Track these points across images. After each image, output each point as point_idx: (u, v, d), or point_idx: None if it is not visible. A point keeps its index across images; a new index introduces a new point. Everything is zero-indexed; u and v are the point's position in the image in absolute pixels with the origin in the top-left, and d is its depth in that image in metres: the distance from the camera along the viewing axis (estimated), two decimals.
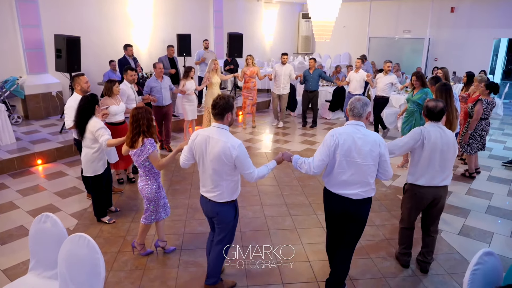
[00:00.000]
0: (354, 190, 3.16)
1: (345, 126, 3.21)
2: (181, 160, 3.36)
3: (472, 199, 5.67)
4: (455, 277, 3.88)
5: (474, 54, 13.88)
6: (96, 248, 2.62)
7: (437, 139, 3.57)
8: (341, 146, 3.09)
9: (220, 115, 3.13)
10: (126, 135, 3.82)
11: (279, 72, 9.07)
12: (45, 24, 8.94)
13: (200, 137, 3.18)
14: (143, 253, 4.13)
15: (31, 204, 5.27)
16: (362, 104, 3.15)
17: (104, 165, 4.65)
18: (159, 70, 6.85)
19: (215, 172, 3.13)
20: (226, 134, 3.12)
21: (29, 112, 8.89)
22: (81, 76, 5.02)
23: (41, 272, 3.05)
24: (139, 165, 3.79)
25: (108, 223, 4.76)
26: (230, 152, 3.04)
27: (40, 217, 3.02)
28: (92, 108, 4.43)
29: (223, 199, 3.22)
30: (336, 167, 3.15)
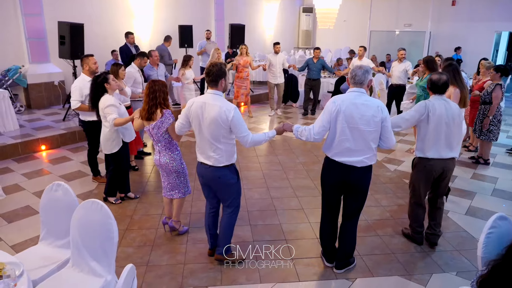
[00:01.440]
0: (358, 157, 3.16)
1: (347, 93, 3.21)
2: (177, 127, 3.46)
3: (477, 183, 5.68)
4: (463, 253, 3.88)
5: (475, 47, 13.89)
6: (109, 213, 2.62)
7: (442, 112, 3.58)
8: (343, 113, 3.09)
9: (215, 82, 3.22)
10: (142, 108, 3.75)
11: (273, 61, 9.16)
12: (47, 13, 8.90)
13: (196, 103, 3.24)
14: (181, 231, 4.10)
15: (36, 186, 5.25)
16: (363, 71, 3.17)
17: (119, 143, 4.57)
18: (155, 57, 6.76)
19: (212, 136, 3.19)
20: (221, 99, 3.21)
21: (31, 101, 8.86)
22: (90, 56, 5.01)
23: (52, 241, 3.05)
24: (158, 139, 3.73)
25: (114, 203, 4.74)
26: (226, 115, 3.11)
27: (51, 185, 3.01)
28: (102, 86, 4.38)
29: (222, 163, 3.27)
30: (338, 135, 3.14)
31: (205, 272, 3.50)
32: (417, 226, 4.00)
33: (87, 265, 2.68)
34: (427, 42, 14.65)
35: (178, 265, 3.59)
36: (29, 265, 2.66)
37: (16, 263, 2.32)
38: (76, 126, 7.38)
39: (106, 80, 4.41)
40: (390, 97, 8.55)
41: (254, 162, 6.30)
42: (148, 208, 4.68)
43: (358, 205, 3.40)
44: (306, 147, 7.13)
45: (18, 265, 2.28)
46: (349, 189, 3.32)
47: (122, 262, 3.62)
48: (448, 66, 4.81)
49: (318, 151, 6.87)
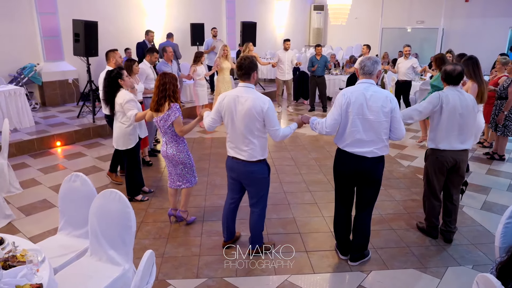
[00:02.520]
0: (368, 147, 3.16)
1: (356, 85, 3.23)
2: (208, 123, 3.42)
3: (493, 178, 5.61)
4: (479, 247, 3.85)
5: (488, 44, 13.69)
6: (127, 202, 2.66)
7: (456, 103, 3.56)
8: (353, 104, 3.11)
9: (247, 75, 3.21)
10: (152, 99, 3.83)
11: (282, 58, 9.14)
12: (62, 11, 9.02)
13: (229, 97, 3.23)
14: (189, 221, 4.17)
15: (53, 181, 5.34)
16: (372, 62, 3.18)
17: (136, 139, 4.58)
18: (170, 53, 6.76)
19: (246, 129, 3.18)
20: (254, 91, 3.21)
21: (46, 98, 8.99)
22: (115, 50, 5.12)
23: (70, 231, 3.10)
24: (165, 131, 3.80)
25: (142, 200, 4.73)
26: (260, 107, 3.11)
27: (70, 176, 3.06)
28: (116, 81, 4.37)
29: (255, 158, 3.26)
30: (349, 126, 3.17)
31: (220, 263, 3.52)
32: (432, 219, 3.97)
33: (105, 254, 2.73)
34: (440, 39, 14.48)
35: (193, 257, 3.62)
36: (49, 254, 2.68)
37: (37, 249, 2.37)
38: (90, 122, 7.48)
39: (120, 75, 4.40)
40: (397, 93, 8.64)
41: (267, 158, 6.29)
42: (163, 202, 4.72)
43: (371, 196, 3.40)
44: (318, 143, 7.12)
45: (40, 252, 2.33)
46: (361, 179, 3.32)
47: (138, 253, 3.62)
48: (468, 59, 4.77)
49: (330, 146, 6.86)
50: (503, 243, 2.52)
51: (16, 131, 6.86)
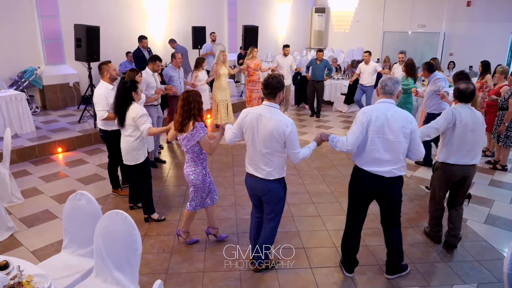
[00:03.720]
0: (386, 167, 3.18)
1: (377, 104, 3.24)
2: (228, 137, 3.43)
3: (495, 190, 5.60)
4: (483, 263, 3.84)
5: (490, 48, 13.69)
6: (133, 224, 2.64)
7: (468, 120, 3.70)
8: (374, 123, 3.12)
9: (273, 94, 3.19)
10: (175, 119, 3.65)
11: (281, 63, 9.11)
12: (63, 14, 8.98)
13: (252, 115, 3.22)
14: (188, 242, 4.03)
15: (55, 190, 5.31)
16: (393, 82, 3.21)
17: (145, 154, 4.41)
18: (179, 60, 6.78)
19: (266, 149, 3.18)
20: (278, 112, 3.19)
21: (47, 102, 8.95)
22: (109, 63, 4.85)
23: (74, 250, 3.07)
24: (187, 150, 3.67)
25: (159, 220, 4.52)
26: (283, 129, 3.08)
27: (74, 195, 3.04)
28: (130, 94, 4.19)
29: (273, 177, 3.27)
30: (368, 145, 3.18)
31: (224, 280, 3.51)
32: (434, 224, 4.16)
33: (110, 275, 2.71)
34: (441, 43, 14.48)
35: (197, 273, 3.60)
36: (54, 274, 2.68)
37: (43, 275, 2.34)
38: (92, 128, 7.45)
39: (135, 88, 4.22)
40: None
41: None
42: (166, 214, 4.70)
43: (393, 214, 3.45)
44: (321, 150, 7.09)
45: (46, 278, 2.30)
46: (379, 199, 3.37)
47: (142, 268, 3.63)
48: (460, 73, 4.93)
49: (333, 155, 6.84)
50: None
51: (17, 137, 6.83)
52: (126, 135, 4.30)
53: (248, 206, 4.84)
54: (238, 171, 6.00)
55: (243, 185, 5.46)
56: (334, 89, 10.75)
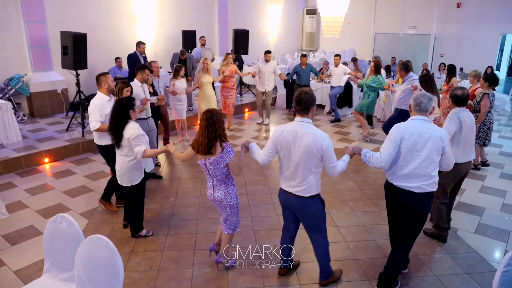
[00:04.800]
0: (416, 183, 3.23)
1: (411, 121, 3.30)
2: (263, 158, 3.35)
3: (486, 197, 5.59)
4: (474, 277, 3.81)
5: (480, 50, 13.78)
6: (115, 250, 2.56)
7: (468, 121, 4.09)
8: (407, 140, 3.18)
9: (306, 110, 3.16)
10: (198, 141, 3.36)
11: (262, 69, 9.02)
12: (50, 20, 8.86)
13: (287, 132, 3.18)
14: (228, 266, 3.84)
15: (40, 204, 5.20)
16: (428, 99, 3.28)
17: (142, 174, 4.25)
18: (155, 69, 6.45)
19: (304, 165, 3.15)
20: (312, 127, 3.17)
21: (35, 109, 8.82)
22: (107, 74, 4.71)
23: (56, 274, 2.99)
24: (215, 174, 3.42)
25: (147, 236, 4.43)
26: (321, 143, 3.07)
27: (55, 217, 2.94)
28: (127, 112, 3.98)
29: (310, 193, 3.24)
30: (400, 161, 3.24)
31: None
32: (443, 223, 4.38)
33: None
34: (432, 45, 14.52)
35: None
36: None
37: None
38: (80, 137, 7.34)
39: (132, 106, 4.00)
40: None
41: (259, 175, 6.23)
42: (153, 228, 4.61)
43: (415, 230, 3.46)
44: None
45: None
46: (408, 213, 3.38)
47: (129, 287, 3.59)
48: (425, 76, 5.37)
49: None
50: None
51: (3, 147, 6.70)
52: (122, 155, 4.10)
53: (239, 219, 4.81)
54: None
55: None
56: (326, 93, 10.71)
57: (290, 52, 16.69)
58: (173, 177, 6.25)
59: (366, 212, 5.08)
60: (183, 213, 4.97)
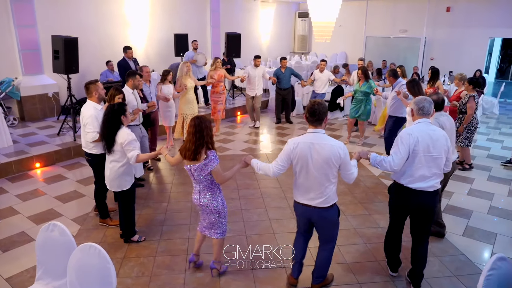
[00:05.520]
0: (430, 182, 3.40)
1: (417, 124, 3.43)
2: (275, 170, 3.32)
3: (474, 200, 5.69)
4: (461, 279, 3.89)
5: (469, 53, 13.97)
6: (107, 258, 2.58)
7: (449, 124, 4.25)
8: (421, 143, 3.32)
9: (320, 121, 3.19)
10: (186, 147, 3.41)
11: (252, 74, 9.10)
12: (41, 24, 8.83)
13: (302, 144, 3.18)
14: (222, 271, 3.87)
15: (32, 209, 5.19)
16: (429, 103, 3.45)
17: (132, 180, 4.25)
18: (146, 74, 6.38)
19: (323, 176, 3.18)
20: (328, 137, 3.21)
21: (25, 113, 8.78)
22: (97, 82, 4.65)
23: (49, 282, 2.99)
24: (200, 180, 3.49)
25: (139, 241, 4.43)
26: (339, 153, 3.12)
27: (47, 225, 2.95)
28: (119, 118, 4.00)
29: (330, 203, 3.28)
30: (416, 163, 3.36)
31: None
32: (440, 219, 4.60)
33: None
34: (422, 48, 14.69)
35: None
36: None
37: None
38: (71, 141, 7.32)
39: (124, 112, 4.02)
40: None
41: (252, 179, 6.27)
42: (146, 233, 4.63)
43: (428, 227, 3.62)
44: None
45: None
46: (421, 212, 3.51)
47: None
48: (412, 81, 5.46)
49: None
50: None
51: None
52: (112, 160, 4.10)
53: (230, 223, 4.83)
54: None
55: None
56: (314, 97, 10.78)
57: (282, 55, 16.73)
58: (165, 182, 6.27)
59: (356, 216, 5.15)
60: (175, 218, 5.00)
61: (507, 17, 13.11)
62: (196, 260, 3.93)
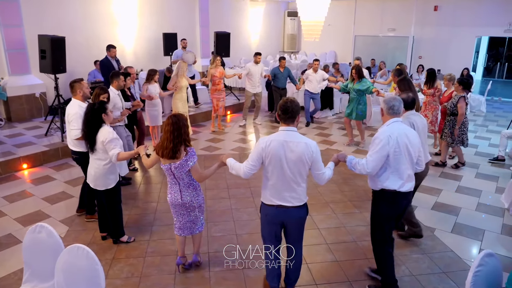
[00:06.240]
0: (414, 181, 3.45)
1: (392, 124, 3.35)
2: (246, 170, 3.19)
3: (462, 197, 5.75)
4: (451, 276, 3.93)
5: (457, 52, 14.12)
6: (96, 259, 2.56)
7: (421, 124, 4.18)
8: (401, 144, 3.27)
9: (292, 118, 3.12)
10: (163, 146, 3.40)
11: (253, 71, 9.08)
12: (27, 23, 8.69)
13: (274, 142, 3.07)
14: (187, 266, 3.92)
15: (19, 211, 5.12)
16: (399, 101, 3.41)
17: (116, 178, 4.23)
18: (133, 76, 6.44)
19: (297, 174, 3.11)
20: (299, 135, 3.14)
21: (12, 114, 8.66)
22: (81, 81, 4.64)
23: (36, 284, 2.96)
24: (181, 177, 3.49)
25: (128, 242, 4.41)
26: (311, 150, 3.07)
27: (35, 227, 2.92)
28: (100, 116, 4.00)
29: (302, 201, 3.24)
30: (401, 165, 3.32)
31: None
32: (414, 219, 4.49)
33: None
34: (411, 47, 14.82)
35: None
36: None
37: None
38: (59, 142, 7.23)
39: (104, 110, 4.02)
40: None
41: (242, 179, 6.20)
42: (135, 233, 4.59)
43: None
44: None
45: None
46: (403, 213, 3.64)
47: None
48: (404, 79, 5.39)
49: None
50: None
51: None
52: (96, 159, 4.09)
53: (221, 223, 4.84)
54: (211, 184, 5.94)
55: (214, 199, 5.48)
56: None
57: (272, 54, 16.77)
58: (154, 182, 6.23)
59: (346, 214, 5.17)
60: (165, 219, 4.96)
61: (494, 16, 13.28)
62: (184, 262, 3.91)
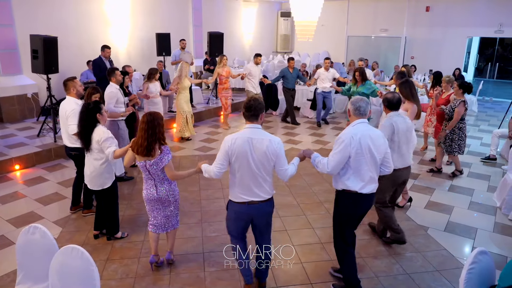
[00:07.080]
0: (376, 183, 3.41)
1: (356, 125, 3.31)
2: (216, 170, 3.22)
3: (454, 196, 5.80)
4: (444, 274, 3.96)
5: (449, 52, 14.25)
6: (90, 260, 2.54)
7: (404, 126, 4.08)
8: (362, 146, 3.22)
9: (255, 116, 3.17)
10: (137, 143, 3.45)
11: (254, 72, 9.14)
12: (19, 23, 8.62)
13: (240, 140, 3.11)
14: (160, 263, 3.96)
15: (11, 213, 5.07)
16: (366, 103, 3.35)
17: (112, 177, 4.27)
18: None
19: (263, 169, 3.14)
20: (264, 132, 3.18)
21: (4, 115, 8.57)
22: (75, 79, 4.71)
23: (30, 285, 2.93)
24: (157, 173, 3.54)
25: (122, 237, 4.46)
26: (274, 147, 3.10)
27: (28, 228, 2.89)
28: (94, 116, 4.02)
29: (270, 195, 3.28)
30: (363, 166, 3.28)
31: None
32: (393, 225, 4.33)
33: None
34: (403, 47, 14.92)
35: None
36: None
37: None
38: (52, 142, 7.18)
39: (99, 110, 4.05)
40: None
41: None
42: (130, 234, 4.57)
43: None
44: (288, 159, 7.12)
45: None
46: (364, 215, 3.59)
47: None
48: (405, 82, 5.08)
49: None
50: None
51: None
52: (93, 159, 4.11)
53: (216, 223, 4.83)
54: (205, 185, 5.94)
55: (209, 200, 5.48)
56: (301, 95, 10.86)
57: (265, 54, 16.75)
58: None
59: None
60: None
61: (485, 17, 13.43)
62: (157, 260, 3.92)
